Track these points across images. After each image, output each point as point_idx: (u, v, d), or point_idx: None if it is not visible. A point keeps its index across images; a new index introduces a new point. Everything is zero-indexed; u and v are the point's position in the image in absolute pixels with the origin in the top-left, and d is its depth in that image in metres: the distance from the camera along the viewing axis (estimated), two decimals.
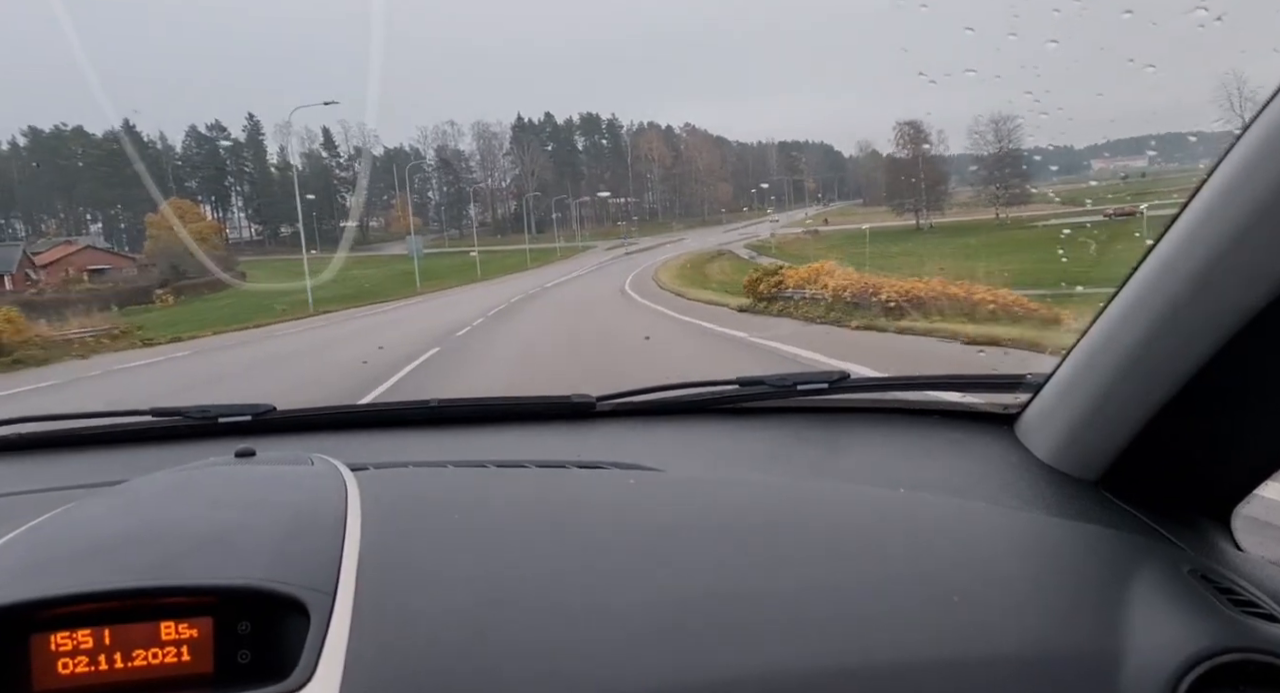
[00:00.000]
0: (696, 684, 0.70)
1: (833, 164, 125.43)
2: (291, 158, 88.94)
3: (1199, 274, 0.84)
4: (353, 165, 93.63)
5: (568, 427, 1.53)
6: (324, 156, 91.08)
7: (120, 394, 11.50)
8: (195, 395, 1.96)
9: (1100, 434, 1.06)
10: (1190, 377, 0.89)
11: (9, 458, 1.51)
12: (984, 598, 0.81)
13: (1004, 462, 1.20)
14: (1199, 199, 0.84)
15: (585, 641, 0.74)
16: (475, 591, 0.79)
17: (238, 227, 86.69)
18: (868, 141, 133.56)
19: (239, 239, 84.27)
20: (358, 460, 1.11)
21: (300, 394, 10.07)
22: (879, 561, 0.88)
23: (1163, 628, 0.77)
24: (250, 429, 1.50)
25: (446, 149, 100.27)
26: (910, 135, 55.17)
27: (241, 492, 0.94)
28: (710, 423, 1.53)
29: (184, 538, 0.79)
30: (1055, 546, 0.96)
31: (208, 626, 0.72)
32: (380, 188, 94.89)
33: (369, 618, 0.73)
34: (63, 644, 0.70)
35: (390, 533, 0.87)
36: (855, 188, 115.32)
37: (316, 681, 0.67)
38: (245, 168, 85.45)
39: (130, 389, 12.58)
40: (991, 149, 51.16)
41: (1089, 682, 0.73)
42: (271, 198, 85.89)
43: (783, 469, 1.29)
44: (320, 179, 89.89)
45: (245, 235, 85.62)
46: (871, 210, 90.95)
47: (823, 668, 0.72)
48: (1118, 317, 0.99)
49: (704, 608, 0.78)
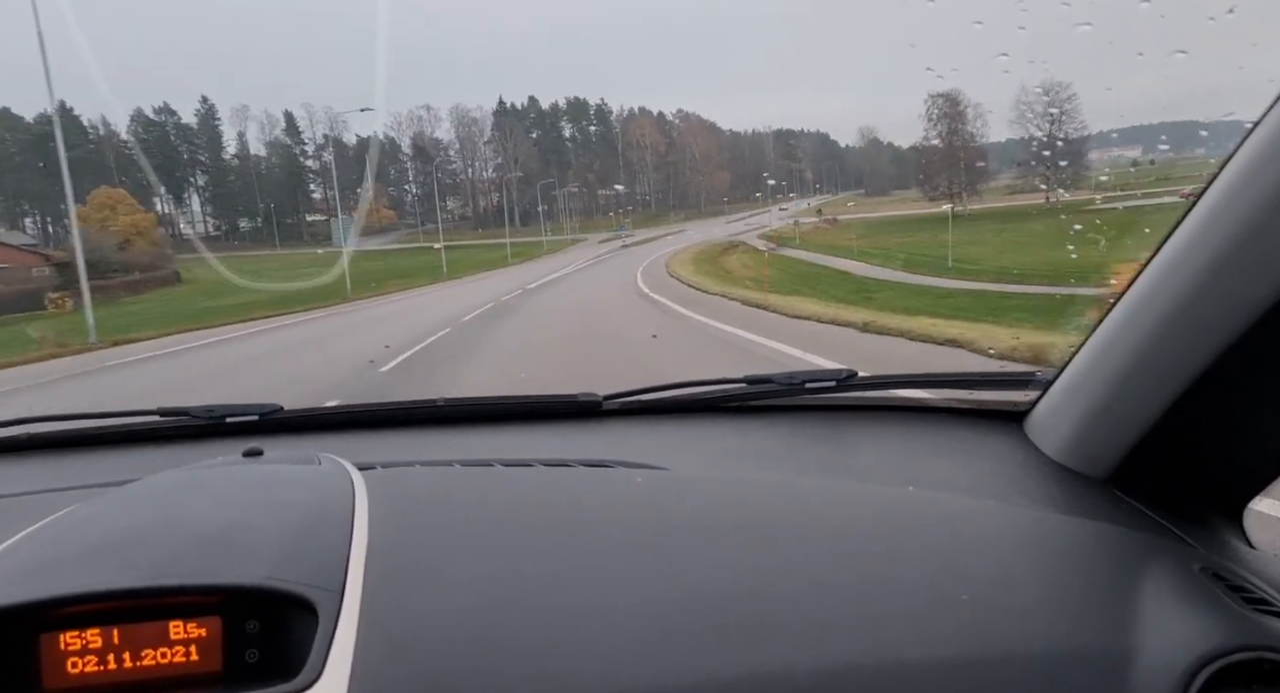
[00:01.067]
0: (704, 683, 0.70)
1: (830, 153, 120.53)
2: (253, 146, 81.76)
3: (1209, 269, 0.84)
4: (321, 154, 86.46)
5: (574, 426, 1.54)
6: (288, 143, 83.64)
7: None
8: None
9: (1110, 432, 1.07)
10: (1201, 373, 0.90)
11: (17, 458, 1.53)
12: (994, 597, 0.81)
13: (1013, 460, 1.21)
14: (1209, 194, 0.84)
15: (592, 639, 0.74)
16: (482, 589, 0.80)
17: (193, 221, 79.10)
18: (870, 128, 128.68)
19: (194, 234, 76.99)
20: (365, 460, 1.12)
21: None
22: (887, 559, 0.88)
23: (1174, 626, 0.77)
24: (257, 429, 1.51)
25: (423, 136, 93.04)
26: (945, 110, 48.33)
27: (249, 491, 0.95)
28: (718, 421, 1.52)
29: (192, 537, 0.80)
30: (1065, 544, 0.96)
31: (216, 625, 0.72)
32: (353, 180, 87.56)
33: (377, 617, 0.73)
34: (72, 644, 0.70)
35: (398, 532, 0.88)
36: (856, 177, 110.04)
37: (324, 679, 0.67)
38: (199, 156, 77.72)
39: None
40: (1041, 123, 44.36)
41: (1100, 681, 0.72)
42: (228, 189, 78.68)
43: (790, 468, 1.30)
44: (284, 169, 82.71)
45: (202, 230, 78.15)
46: (877, 200, 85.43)
47: (831, 667, 0.72)
48: (1127, 313, 0.99)
49: (711, 607, 0.78)
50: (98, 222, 49.26)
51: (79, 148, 70.31)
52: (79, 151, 70.10)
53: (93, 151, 70.99)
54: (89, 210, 50.97)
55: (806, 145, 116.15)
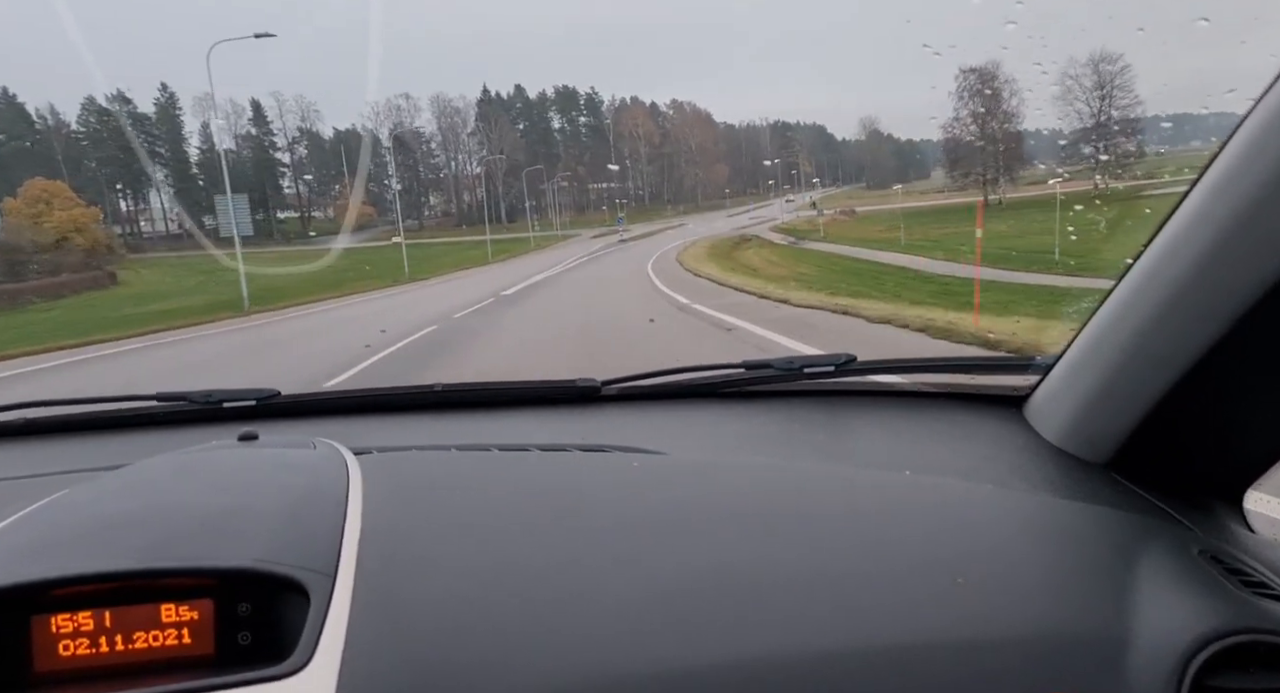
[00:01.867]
0: (699, 668, 0.70)
1: (827, 146, 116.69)
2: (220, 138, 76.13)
3: (1206, 254, 0.84)
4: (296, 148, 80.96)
5: (572, 410, 1.53)
6: (254, 134, 78.10)
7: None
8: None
9: (1109, 416, 1.07)
10: (1200, 357, 0.90)
11: (13, 443, 1.52)
12: (992, 581, 0.81)
13: (1012, 444, 1.21)
14: (1207, 178, 0.85)
15: (588, 624, 0.74)
16: (476, 573, 0.80)
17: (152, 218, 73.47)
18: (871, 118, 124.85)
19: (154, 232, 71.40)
20: (361, 444, 1.12)
21: None
22: (885, 543, 0.88)
23: (1172, 610, 0.77)
24: (254, 414, 1.51)
25: (403, 128, 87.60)
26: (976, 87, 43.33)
27: (243, 475, 0.95)
28: (715, 407, 1.52)
29: (184, 520, 0.80)
30: (1064, 528, 0.96)
31: (208, 608, 0.72)
32: (331, 175, 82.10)
33: (369, 600, 0.73)
34: (63, 626, 0.70)
35: (392, 516, 0.87)
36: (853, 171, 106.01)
37: (316, 662, 0.67)
38: (158, 148, 72.00)
39: None
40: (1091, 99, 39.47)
41: (1098, 664, 0.73)
42: (192, 184, 73.04)
43: (788, 452, 1.29)
44: (253, 163, 77.19)
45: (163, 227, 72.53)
46: (878, 193, 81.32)
47: (829, 651, 0.72)
48: (1126, 297, 0.99)
49: (708, 591, 0.78)
50: (29, 217, 43.85)
51: (21, 138, 64.57)
52: (19, 142, 64.38)
53: (39, 142, 65.30)
54: (20, 204, 45.59)
55: (803, 138, 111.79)
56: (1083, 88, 39.50)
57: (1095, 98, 39.47)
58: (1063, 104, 39.79)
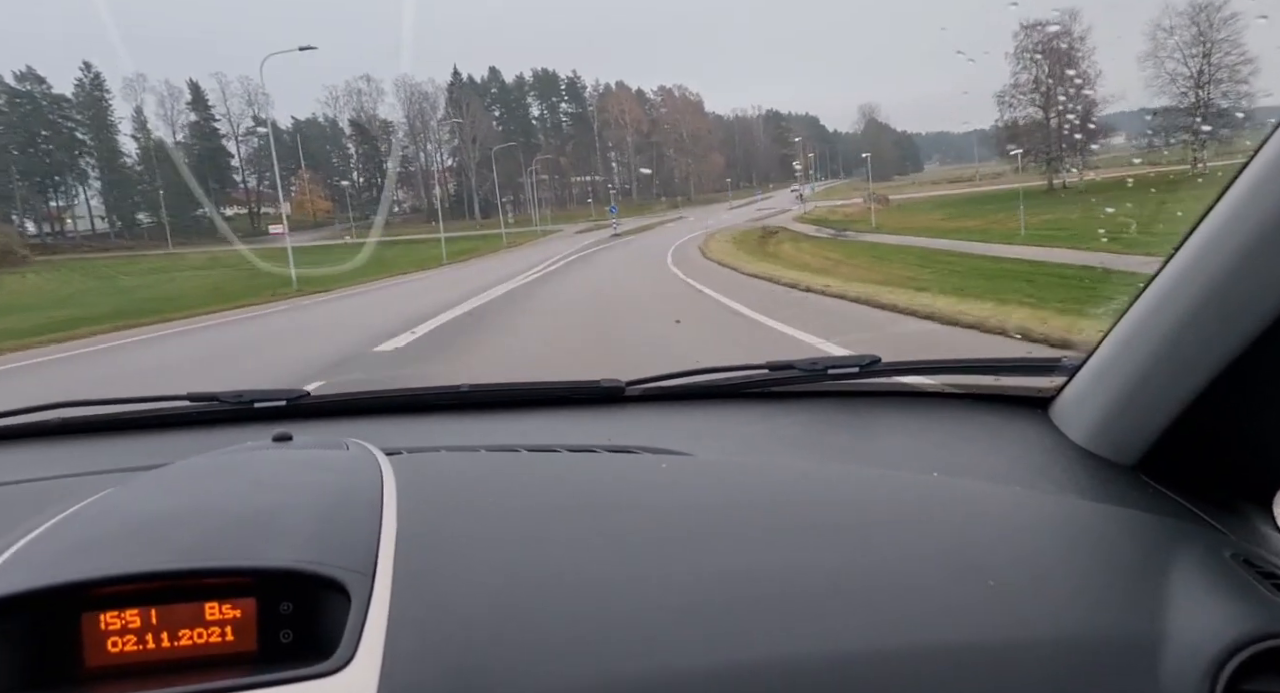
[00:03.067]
0: (728, 666, 0.71)
1: (821, 138, 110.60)
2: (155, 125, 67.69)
3: (1240, 255, 0.84)
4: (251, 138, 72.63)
5: (597, 411, 1.55)
6: (197, 120, 69.62)
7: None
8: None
9: (1138, 417, 1.06)
10: (1232, 358, 0.89)
11: (51, 442, 1.56)
12: (1020, 583, 0.81)
13: (1039, 446, 1.20)
14: (1242, 179, 0.84)
15: (617, 622, 0.75)
16: (509, 571, 0.81)
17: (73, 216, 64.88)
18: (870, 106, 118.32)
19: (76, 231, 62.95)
20: (391, 444, 1.14)
21: None
22: (912, 545, 0.88)
23: (1204, 613, 0.76)
24: (284, 413, 1.53)
25: (364, 115, 79.37)
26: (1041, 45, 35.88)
27: (280, 475, 0.97)
28: (740, 407, 1.53)
29: (226, 520, 0.82)
30: (1092, 530, 0.95)
31: (251, 606, 0.74)
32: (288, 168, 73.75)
33: (407, 598, 0.75)
34: (111, 624, 0.72)
35: (425, 515, 0.89)
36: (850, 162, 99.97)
37: (358, 660, 0.68)
38: (78, 134, 63.38)
39: None
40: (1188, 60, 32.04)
41: (1128, 667, 0.72)
42: (121, 177, 64.64)
43: (813, 453, 1.30)
44: (194, 153, 68.85)
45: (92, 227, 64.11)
46: (886, 186, 74.77)
47: (854, 652, 0.73)
48: (1157, 297, 0.99)
49: (734, 591, 0.79)
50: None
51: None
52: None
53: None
54: None
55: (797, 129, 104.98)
56: (1180, 44, 31.99)
57: (1193, 57, 32.00)
58: (1154, 63, 32.30)
